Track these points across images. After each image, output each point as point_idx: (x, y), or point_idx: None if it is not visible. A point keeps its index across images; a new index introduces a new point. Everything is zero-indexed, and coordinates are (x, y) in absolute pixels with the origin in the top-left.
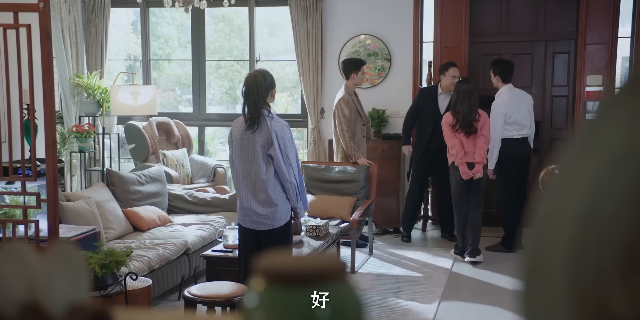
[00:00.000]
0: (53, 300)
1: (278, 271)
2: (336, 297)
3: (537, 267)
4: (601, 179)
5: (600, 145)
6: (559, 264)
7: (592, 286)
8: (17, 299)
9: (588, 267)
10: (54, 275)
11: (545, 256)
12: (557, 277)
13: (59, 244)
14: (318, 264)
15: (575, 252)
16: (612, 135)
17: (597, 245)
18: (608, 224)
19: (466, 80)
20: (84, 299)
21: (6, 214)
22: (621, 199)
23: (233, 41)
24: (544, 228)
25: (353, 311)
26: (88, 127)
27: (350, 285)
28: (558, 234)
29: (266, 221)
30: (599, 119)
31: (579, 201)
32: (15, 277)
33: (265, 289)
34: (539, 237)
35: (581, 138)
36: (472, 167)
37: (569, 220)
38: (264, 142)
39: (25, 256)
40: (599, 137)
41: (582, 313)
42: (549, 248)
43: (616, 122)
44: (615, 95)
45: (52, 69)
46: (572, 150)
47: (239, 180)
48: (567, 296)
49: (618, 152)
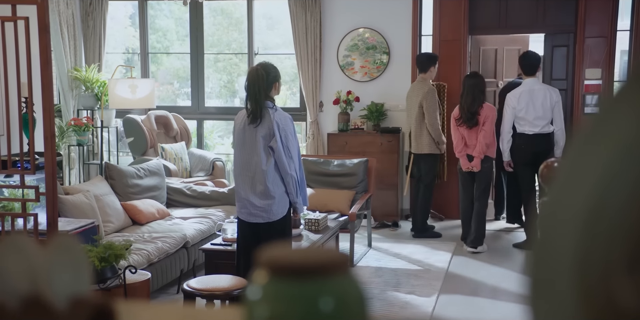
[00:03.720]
0: (55, 293)
1: (281, 264)
2: (339, 290)
3: (544, 261)
4: (608, 170)
5: (607, 138)
6: (566, 256)
7: (599, 279)
8: (19, 292)
9: (596, 259)
10: (56, 268)
11: (552, 249)
12: (565, 270)
13: (60, 237)
14: (321, 257)
15: (583, 245)
16: (618, 128)
17: (605, 237)
18: (616, 216)
19: (474, 74)
20: (86, 292)
21: (5, 208)
22: (629, 190)
23: (231, 34)
24: (550, 221)
25: (356, 304)
26: (86, 121)
27: (353, 278)
28: (565, 226)
29: (262, 213)
30: (603, 112)
31: (587, 193)
32: (17, 270)
33: (268, 281)
34: (546, 231)
35: (586, 131)
36: (472, 160)
37: (577, 213)
38: (265, 134)
39: (27, 249)
40: (605, 130)
41: (590, 305)
42: (556, 241)
43: (622, 115)
44: (620, 89)
45: (51, 62)
46: (578, 143)
47: (238, 170)
48: (575, 289)
49: (625, 144)
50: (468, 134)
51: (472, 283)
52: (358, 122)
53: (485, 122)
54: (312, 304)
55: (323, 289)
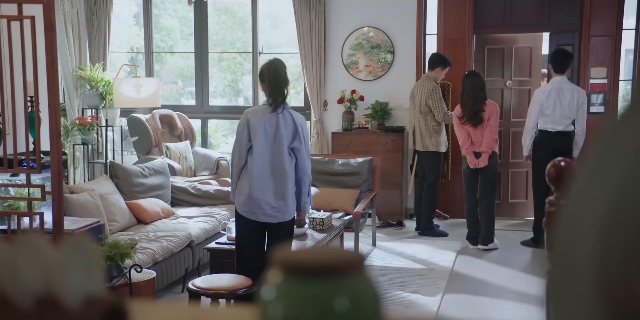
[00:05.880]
0: (68, 292)
1: (296, 263)
2: (354, 290)
3: (565, 257)
4: (630, 168)
5: (630, 136)
6: (586, 252)
7: (620, 275)
8: (32, 291)
9: (616, 254)
10: (69, 267)
11: (573, 246)
12: (585, 266)
13: (73, 236)
14: (336, 257)
15: (603, 242)
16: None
17: (626, 232)
18: (636, 213)
19: (473, 73)
20: (99, 291)
21: (11, 206)
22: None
23: (236, 33)
24: (571, 219)
25: (371, 304)
26: (91, 120)
27: (368, 278)
28: (586, 223)
29: (277, 214)
30: (636, 102)
31: (608, 191)
32: (30, 269)
33: (283, 281)
34: (567, 228)
35: (610, 129)
36: (480, 156)
37: (597, 211)
38: (289, 134)
39: (41, 248)
40: (629, 128)
41: (610, 302)
42: (577, 238)
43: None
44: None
45: (57, 61)
46: (601, 142)
47: (258, 171)
48: (595, 285)
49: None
50: (473, 131)
51: (477, 282)
52: (362, 121)
53: (490, 118)
54: (328, 304)
55: (338, 288)
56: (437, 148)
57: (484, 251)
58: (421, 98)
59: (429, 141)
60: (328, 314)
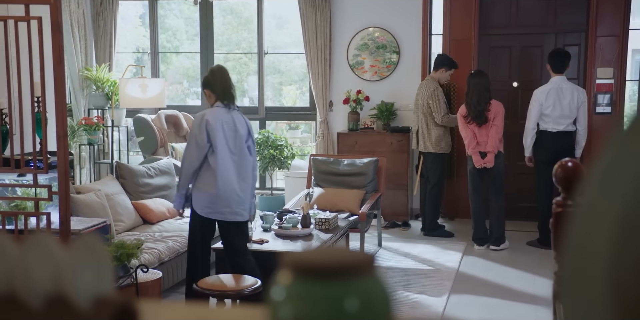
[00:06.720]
0: (79, 292)
1: (307, 264)
2: (365, 291)
3: (577, 257)
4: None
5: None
6: (600, 252)
7: (632, 273)
8: (42, 291)
9: (629, 255)
10: (79, 267)
11: (586, 246)
12: (599, 266)
13: (82, 236)
14: (347, 257)
15: (617, 241)
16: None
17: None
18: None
19: (478, 72)
20: (109, 291)
21: (18, 206)
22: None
23: (241, 34)
24: (584, 220)
25: (382, 305)
26: (97, 120)
27: (379, 279)
28: (600, 223)
29: (243, 212)
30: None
31: (620, 195)
32: (41, 269)
33: (293, 282)
34: (579, 230)
35: (625, 130)
36: (485, 156)
37: (610, 213)
38: (244, 133)
39: (51, 248)
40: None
41: (622, 299)
42: (589, 240)
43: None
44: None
45: (63, 61)
46: (615, 143)
47: (231, 172)
48: (608, 285)
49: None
50: (479, 131)
51: (483, 283)
52: (368, 121)
53: (495, 118)
54: (338, 305)
55: (349, 289)
56: (439, 149)
57: (489, 251)
58: (423, 99)
59: (431, 142)
60: (339, 314)
